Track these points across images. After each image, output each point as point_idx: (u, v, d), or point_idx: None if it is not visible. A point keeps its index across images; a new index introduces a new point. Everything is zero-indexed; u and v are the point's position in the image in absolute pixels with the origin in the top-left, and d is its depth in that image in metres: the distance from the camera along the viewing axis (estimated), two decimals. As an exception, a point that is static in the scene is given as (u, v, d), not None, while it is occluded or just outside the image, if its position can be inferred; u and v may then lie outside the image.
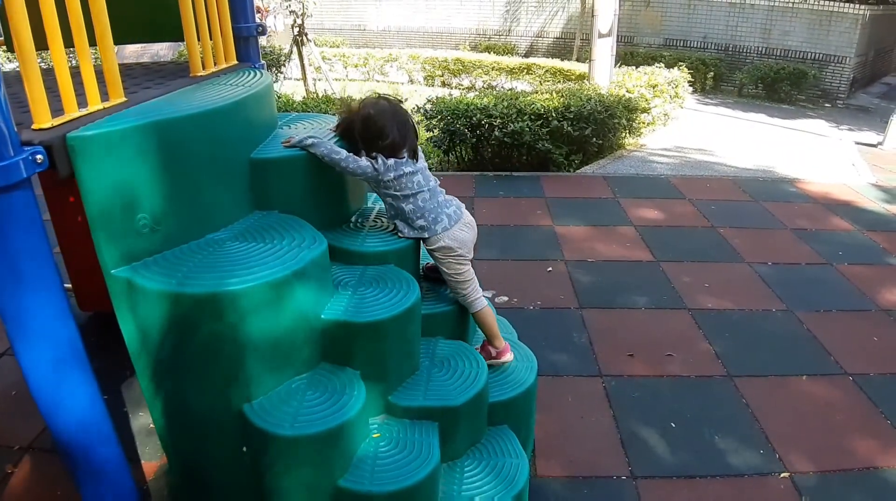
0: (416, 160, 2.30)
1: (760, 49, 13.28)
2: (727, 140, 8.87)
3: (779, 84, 12.28)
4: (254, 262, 1.75)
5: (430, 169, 2.39)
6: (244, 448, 1.85)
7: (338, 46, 15.39)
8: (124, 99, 1.83)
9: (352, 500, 1.82)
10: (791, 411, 3.08)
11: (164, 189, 1.71)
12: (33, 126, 1.52)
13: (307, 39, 10.28)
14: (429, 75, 13.84)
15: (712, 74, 13.10)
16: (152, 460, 2.65)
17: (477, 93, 8.33)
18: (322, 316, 1.90)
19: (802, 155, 8.18)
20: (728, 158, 7.82)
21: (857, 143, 9.00)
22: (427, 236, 2.31)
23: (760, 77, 12.52)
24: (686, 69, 10.66)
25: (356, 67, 14.32)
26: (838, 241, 5.16)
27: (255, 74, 2.36)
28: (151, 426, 2.85)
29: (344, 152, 2.17)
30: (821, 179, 6.88)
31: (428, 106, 7.24)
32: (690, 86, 10.86)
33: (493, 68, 13.01)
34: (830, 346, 3.62)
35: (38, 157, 1.43)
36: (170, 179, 1.71)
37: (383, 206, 2.43)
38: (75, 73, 1.71)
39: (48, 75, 1.57)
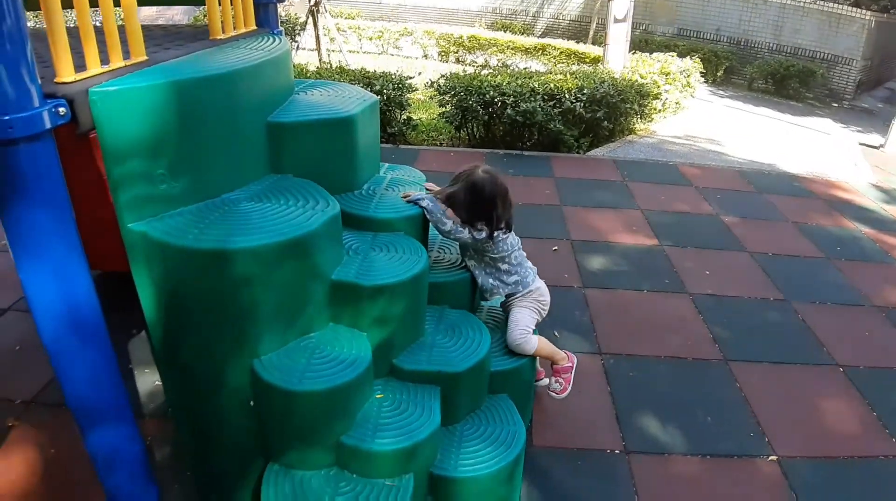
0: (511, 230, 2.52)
1: (771, 45, 13.26)
2: (735, 132, 8.86)
3: (788, 81, 12.25)
4: (267, 222, 1.80)
5: (440, 144, 2.49)
6: (251, 403, 1.91)
7: (353, 18, 15.27)
8: (145, 58, 1.85)
9: (354, 456, 1.89)
10: (782, 397, 3.13)
11: (182, 147, 1.74)
12: (56, 80, 1.55)
13: (323, 9, 10.22)
14: (443, 51, 13.75)
15: (724, 66, 13.03)
16: (155, 417, 2.72)
17: (491, 71, 8.30)
18: (332, 278, 1.95)
19: (807, 152, 8.19)
20: (735, 150, 7.82)
21: (861, 144, 9.01)
22: (521, 289, 2.57)
23: (770, 73, 12.49)
24: (699, 60, 10.59)
25: (370, 39, 14.22)
26: (837, 237, 5.20)
27: (274, 40, 2.38)
28: (157, 383, 2.93)
29: (450, 223, 2.38)
30: (824, 177, 6.91)
31: (441, 81, 7.22)
32: (702, 76, 10.79)
33: (507, 47, 12.93)
34: (823, 337, 3.68)
35: (61, 109, 1.47)
36: (188, 138, 1.75)
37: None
38: (97, 31, 1.74)
39: (70, 34, 1.60)
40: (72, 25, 1.74)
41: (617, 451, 2.70)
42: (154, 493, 2.08)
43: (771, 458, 2.73)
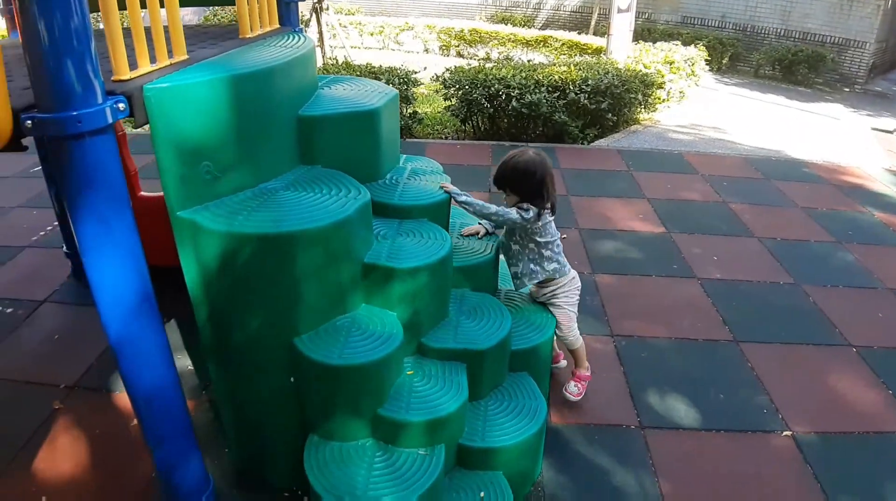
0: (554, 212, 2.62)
1: (779, 31, 13.17)
2: (742, 120, 8.92)
3: (796, 66, 12.21)
4: (306, 208, 1.92)
5: (445, 137, 2.64)
6: (292, 379, 2.04)
7: (353, 14, 15.36)
8: (186, 57, 1.97)
9: (390, 427, 2.01)
10: (794, 376, 3.23)
11: (225, 139, 1.86)
12: (113, 78, 1.67)
13: (327, 6, 10.32)
14: (444, 45, 13.83)
15: (729, 53, 13.04)
16: (191, 398, 2.84)
17: (494, 64, 8.40)
18: (365, 261, 2.07)
19: (817, 138, 8.22)
20: (742, 138, 7.88)
21: (874, 129, 9.01)
22: (558, 276, 2.68)
23: (778, 59, 12.44)
24: (703, 48, 10.64)
25: (372, 35, 14.32)
26: (848, 221, 5.25)
27: (299, 38, 2.50)
28: (189, 367, 3.06)
29: (494, 207, 2.51)
30: (834, 162, 6.94)
31: (447, 75, 7.32)
32: (707, 64, 10.85)
33: (509, 40, 13.00)
34: (835, 319, 3.76)
35: (121, 105, 1.59)
36: (231, 131, 1.87)
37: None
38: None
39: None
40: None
41: (633, 426, 2.82)
42: (200, 464, 2.21)
43: (785, 433, 2.84)
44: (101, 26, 1.67)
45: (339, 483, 1.91)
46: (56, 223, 4.44)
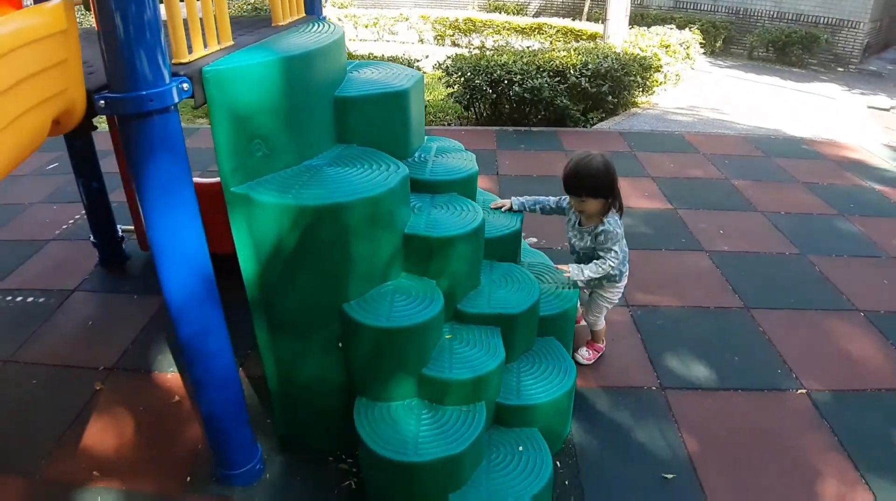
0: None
1: (772, 13, 13.28)
2: (739, 101, 9.06)
3: (790, 48, 12.34)
4: (353, 182, 2.03)
5: (448, 124, 2.78)
6: (339, 345, 2.16)
7: (346, 7, 15.41)
8: (232, 42, 2.08)
9: (434, 386, 2.14)
10: (805, 339, 3.37)
11: (275, 118, 1.97)
12: (173, 61, 1.78)
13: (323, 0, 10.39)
14: (439, 35, 13.92)
15: (723, 36, 13.16)
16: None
17: (494, 51, 8.51)
18: (405, 232, 2.19)
19: (814, 116, 8.36)
20: (740, 118, 8.02)
21: (870, 107, 9.15)
22: (619, 280, 2.86)
23: (771, 41, 12.57)
24: (697, 31, 10.77)
25: (366, 27, 14.38)
26: (849, 194, 5.39)
27: (327, 25, 2.61)
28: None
29: (553, 198, 2.91)
30: (832, 139, 7.07)
31: (449, 62, 7.42)
32: (701, 48, 10.98)
33: (503, 28, 13.10)
34: (842, 286, 3.90)
35: (185, 85, 1.70)
36: (281, 110, 1.98)
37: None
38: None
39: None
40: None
41: (653, 388, 2.96)
42: (250, 433, 2.33)
43: (800, 391, 2.97)
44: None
45: (391, 439, 2.04)
46: (77, 217, 4.55)
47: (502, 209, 2.87)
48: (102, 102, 1.59)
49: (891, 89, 10.19)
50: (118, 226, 3.99)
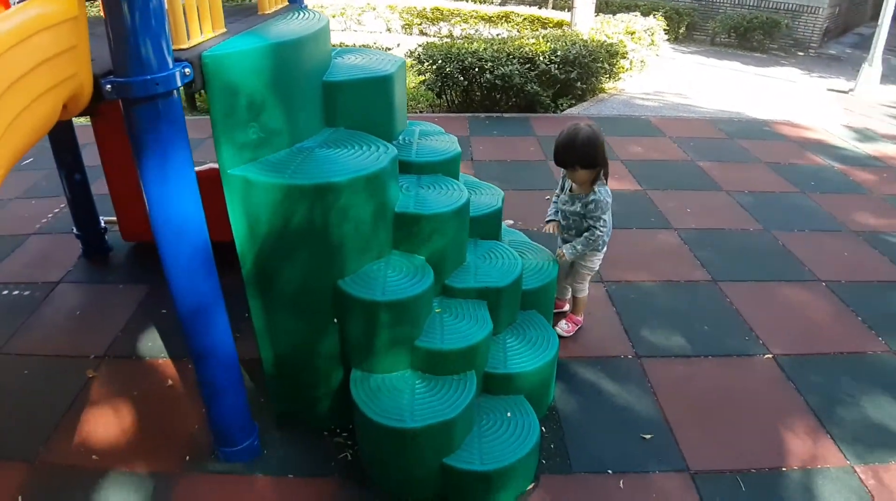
0: None
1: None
2: (702, 85, 9.31)
3: (751, 33, 12.68)
4: (345, 162, 2.13)
5: (420, 111, 2.91)
6: (335, 320, 2.26)
7: (312, -4, 15.28)
8: (225, 29, 2.15)
9: (427, 357, 2.25)
10: (771, 308, 3.57)
11: (269, 102, 2.05)
12: (174, 47, 1.84)
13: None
14: (407, 24, 13.92)
15: (686, 22, 13.44)
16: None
17: (464, 38, 8.60)
18: (396, 210, 2.29)
19: (775, 99, 8.66)
20: (704, 102, 8.26)
21: (830, 89, 9.49)
22: (601, 249, 3.00)
23: (733, 26, 12.89)
24: (661, 17, 11.00)
25: (333, 17, 14.29)
26: (811, 173, 5.65)
27: (311, 13, 2.68)
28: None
29: (600, 216, 2.83)
30: (793, 121, 7.35)
31: (420, 50, 7.49)
32: (665, 34, 11.22)
33: (471, 16, 13.16)
34: (805, 258, 4.12)
35: (187, 70, 1.77)
36: (274, 94, 2.05)
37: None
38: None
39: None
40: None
41: (629, 356, 3.12)
42: (247, 411, 2.42)
43: (767, 356, 3.17)
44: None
45: (387, 407, 2.14)
46: (57, 210, 4.54)
47: (551, 231, 3.08)
48: (109, 86, 1.65)
49: (849, 72, 10.57)
50: (101, 217, 4.00)
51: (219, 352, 2.18)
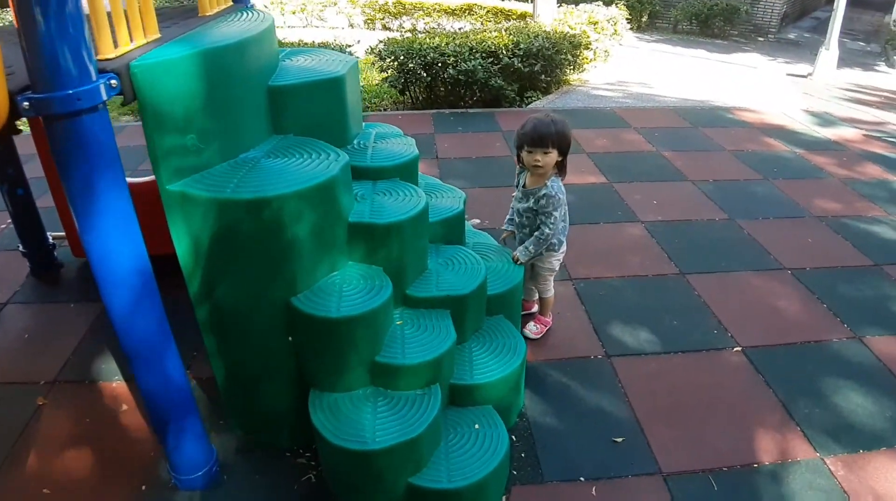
0: None
1: (694, -13, 13.73)
2: (665, 74, 9.35)
3: (712, 20, 12.83)
4: (292, 172, 2.01)
5: (385, 109, 2.81)
6: (290, 338, 2.15)
7: (272, -7, 15.00)
8: (159, 35, 2.01)
9: (388, 373, 2.16)
10: (738, 299, 3.56)
11: (208, 111, 1.93)
12: (98, 57, 1.71)
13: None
14: (369, 19, 13.77)
15: (648, 11, 13.51)
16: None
17: (425, 33, 8.48)
18: (350, 220, 2.19)
19: (737, 86, 8.74)
20: (667, 91, 8.29)
21: (789, 74, 9.64)
22: (557, 248, 2.91)
23: (694, 14, 13.03)
24: (623, 7, 11.01)
25: (294, 13, 14.06)
26: (773, 160, 5.70)
27: (255, 13, 2.55)
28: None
29: (545, 231, 2.75)
30: (755, 107, 7.43)
31: (381, 46, 7.36)
32: (628, 23, 11.24)
33: (434, 10, 13.05)
34: (770, 247, 4.13)
35: (113, 82, 1.64)
36: (213, 103, 1.93)
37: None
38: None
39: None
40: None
41: (599, 356, 3.07)
42: (204, 438, 2.30)
43: (736, 349, 3.15)
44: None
45: (348, 429, 2.05)
46: (3, 226, 4.33)
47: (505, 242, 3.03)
48: (26, 103, 1.52)
49: (808, 57, 10.73)
50: (48, 233, 3.81)
51: (170, 386, 2.06)
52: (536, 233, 2.78)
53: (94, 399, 2.85)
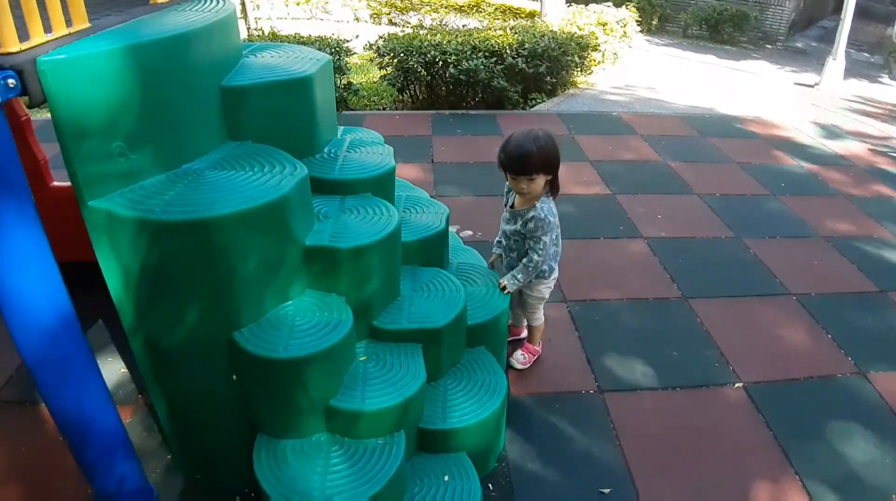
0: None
1: (705, -10, 13.50)
2: (674, 79, 9.05)
3: (722, 25, 12.59)
4: (237, 188, 1.74)
5: (383, 108, 2.50)
6: (234, 377, 1.88)
7: (275, -16, 14.71)
8: (88, 25, 1.74)
9: (345, 419, 1.89)
10: (741, 328, 3.29)
11: (138, 116, 1.65)
12: (0, 51, 1.44)
13: (248, -25, 9.83)
14: (375, 13, 13.47)
15: (658, 14, 13.23)
16: (127, 404, 2.63)
17: (427, 30, 8.20)
18: (307, 243, 1.92)
19: (745, 94, 8.46)
20: (675, 97, 8.00)
21: (797, 83, 9.38)
22: (547, 276, 2.60)
23: (704, 18, 12.79)
24: (634, 9, 10.70)
25: (298, 4, 13.76)
26: (781, 174, 5.43)
27: (217, 2, 2.28)
28: (122, 370, 2.83)
29: (534, 258, 2.44)
30: (763, 117, 7.15)
31: (381, 42, 7.08)
32: (638, 25, 10.93)
33: (441, 6, 12.77)
34: (775, 269, 3.87)
35: (11, 81, 1.37)
36: (144, 106, 1.66)
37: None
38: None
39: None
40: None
41: (591, 391, 2.80)
42: (138, 477, 2.04)
43: (737, 385, 2.88)
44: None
45: (294, 484, 1.78)
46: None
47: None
48: None
49: (815, 66, 10.46)
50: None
51: (95, 428, 1.80)
52: (524, 260, 2.49)
53: (35, 423, 2.58)
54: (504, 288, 2.53)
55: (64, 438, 1.85)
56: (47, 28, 1.61)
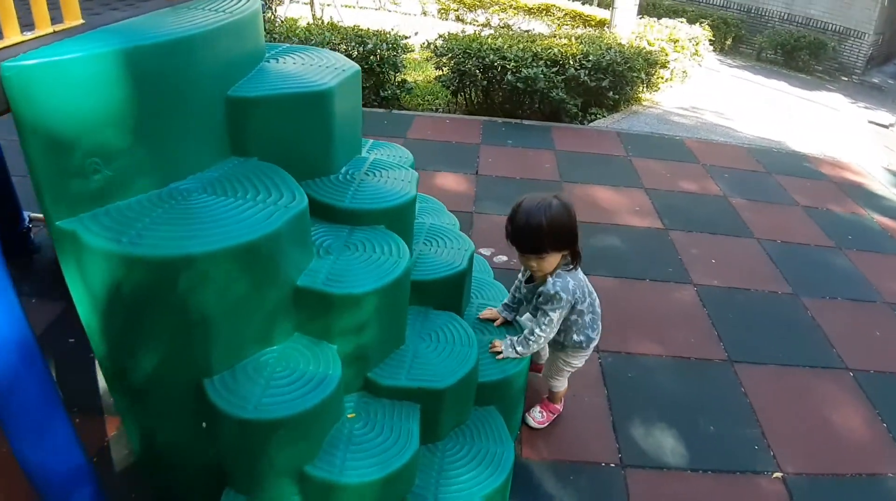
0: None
1: (783, 14, 12.89)
2: (743, 105, 8.55)
3: (798, 52, 11.96)
4: (221, 219, 1.52)
5: (435, 110, 2.23)
6: (203, 424, 1.68)
7: (348, -29, 14.65)
8: (81, 21, 1.56)
9: (320, 490, 1.66)
10: (789, 405, 2.93)
11: (118, 128, 1.46)
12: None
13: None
14: (443, 8, 13.27)
15: (733, 34, 12.65)
16: (115, 414, 2.47)
17: (492, 31, 7.92)
18: (297, 284, 1.70)
19: (817, 129, 7.93)
20: (743, 125, 7.52)
21: (871, 121, 8.75)
22: (585, 346, 2.32)
23: (780, 43, 12.18)
24: (708, 27, 10.18)
25: (368, -5, 13.67)
26: (848, 224, 4.95)
27: (240, 0, 2.07)
28: (104, 383, 2.68)
29: (546, 329, 2.14)
30: (834, 157, 6.63)
31: (439, 42, 6.85)
32: (710, 44, 10.40)
33: (510, 6, 12.46)
34: (833, 336, 3.47)
35: (-38, 86, 1.20)
36: (127, 118, 1.46)
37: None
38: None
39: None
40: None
41: (612, 465, 2.50)
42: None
43: (776, 475, 2.54)
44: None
45: (253, 557, 1.57)
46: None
47: (495, 323, 2.41)
48: None
49: (890, 105, 9.79)
50: (26, 213, 3.47)
51: (59, 463, 1.63)
52: (526, 331, 2.20)
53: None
54: (496, 351, 2.24)
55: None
56: (29, 26, 1.43)
